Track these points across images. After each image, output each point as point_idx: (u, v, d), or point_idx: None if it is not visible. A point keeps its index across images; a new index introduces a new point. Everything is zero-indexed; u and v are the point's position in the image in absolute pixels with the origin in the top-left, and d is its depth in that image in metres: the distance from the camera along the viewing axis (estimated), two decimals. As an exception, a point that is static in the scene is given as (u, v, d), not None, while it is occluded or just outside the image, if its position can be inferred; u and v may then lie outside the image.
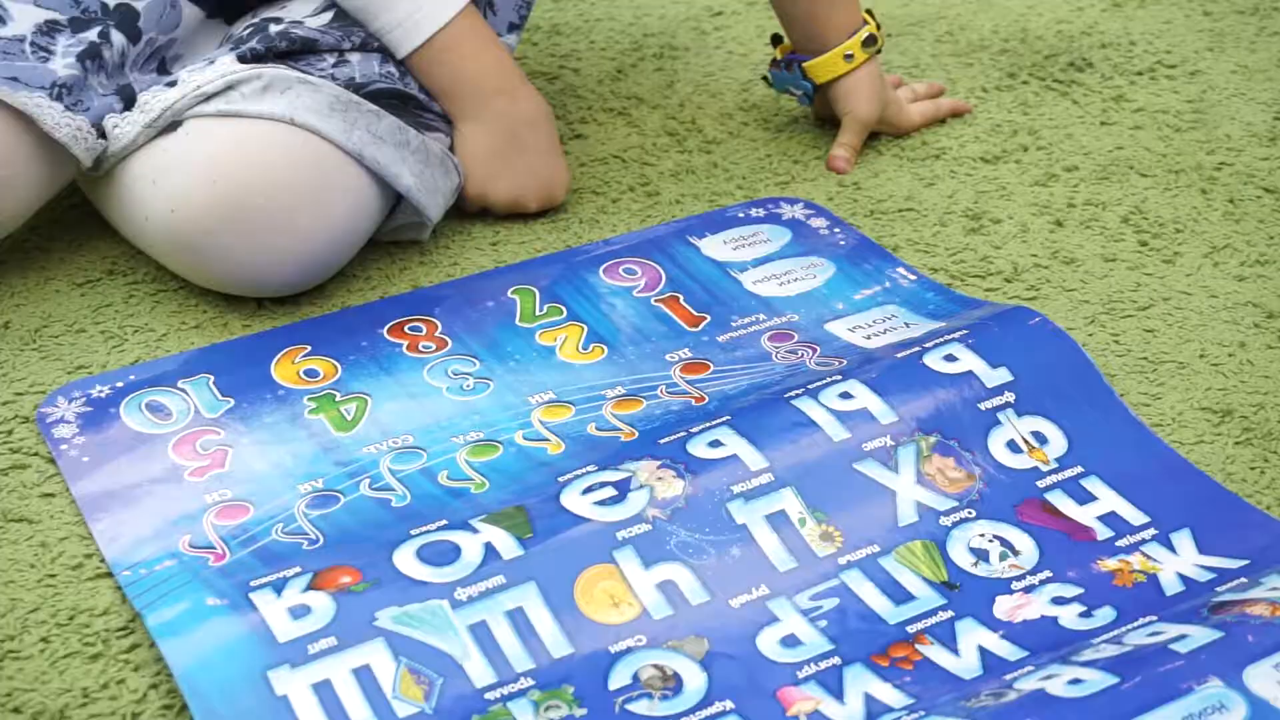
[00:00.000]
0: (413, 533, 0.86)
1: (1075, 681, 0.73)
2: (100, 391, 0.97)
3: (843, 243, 1.11)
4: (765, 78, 1.25)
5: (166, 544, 0.86)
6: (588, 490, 0.87)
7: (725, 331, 1.03)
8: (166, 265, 1.05)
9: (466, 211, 1.13)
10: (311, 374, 0.99)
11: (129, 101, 1.03)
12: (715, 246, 1.11)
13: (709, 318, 1.04)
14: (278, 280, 1.02)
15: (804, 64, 1.19)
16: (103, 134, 1.02)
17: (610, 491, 0.87)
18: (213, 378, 0.98)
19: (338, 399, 0.97)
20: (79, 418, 0.95)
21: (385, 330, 1.03)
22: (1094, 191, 1.17)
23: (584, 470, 0.89)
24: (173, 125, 1.01)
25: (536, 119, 1.11)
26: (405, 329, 1.03)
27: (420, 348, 1.02)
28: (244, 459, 0.92)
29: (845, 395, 0.93)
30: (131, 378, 0.98)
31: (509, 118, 1.10)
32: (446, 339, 1.02)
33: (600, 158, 1.21)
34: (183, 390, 0.97)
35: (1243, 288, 1.07)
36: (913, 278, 1.08)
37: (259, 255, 1.00)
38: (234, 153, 0.99)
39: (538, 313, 1.05)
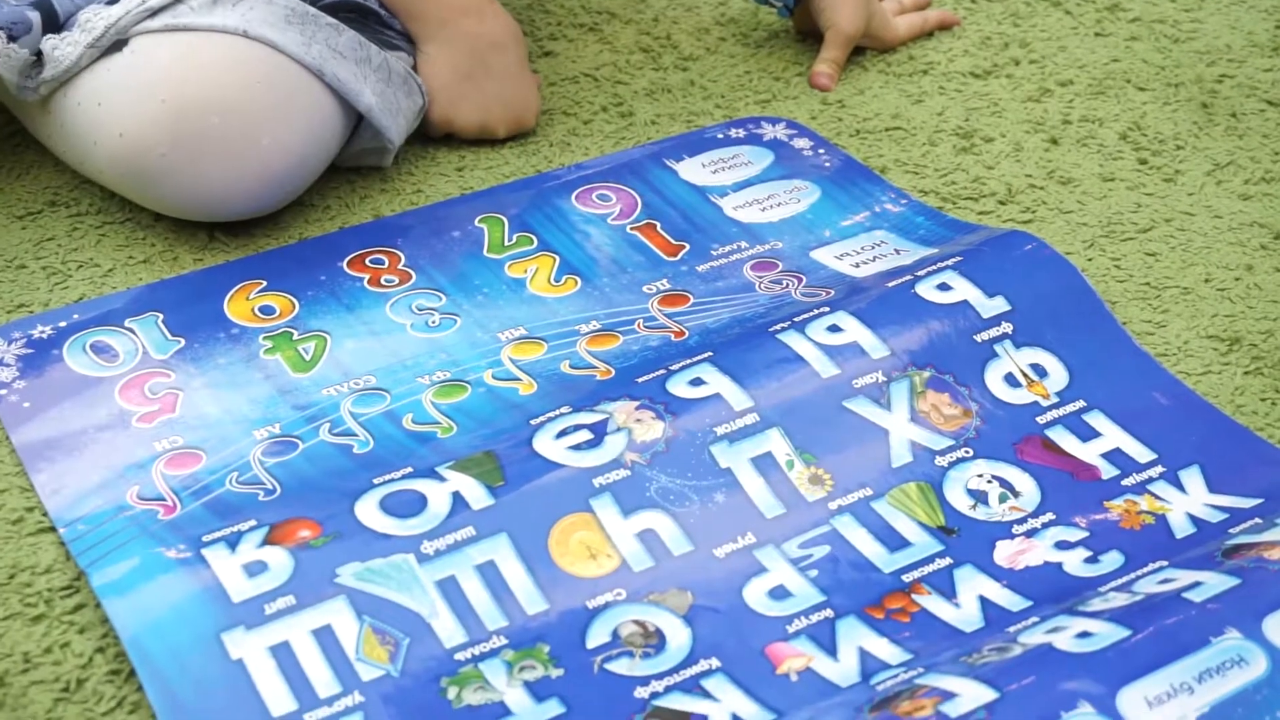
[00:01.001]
0: (376, 482, 0.80)
1: (1084, 635, 0.69)
2: (42, 332, 0.91)
3: (828, 165, 1.05)
4: None
5: (113, 496, 0.80)
6: (562, 434, 0.82)
7: (705, 261, 0.97)
8: (117, 192, 0.98)
9: (431, 136, 1.07)
10: (267, 311, 0.93)
11: (48, 16, 0.96)
12: (693, 170, 1.05)
13: (688, 246, 0.99)
14: (233, 205, 0.96)
15: None
16: (39, 58, 0.95)
17: (586, 435, 0.82)
18: (162, 316, 0.93)
19: (295, 337, 0.92)
20: (19, 360, 0.89)
21: (345, 263, 0.97)
22: (1090, 107, 1.12)
23: (558, 412, 0.84)
24: (117, 44, 0.94)
25: (504, 41, 1.05)
26: (366, 261, 0.97)
27: (382, 281, 0.96)
28: (195, 403, 0.87)
29: (834, 328, 0.87)
30: (75, 317, 0.92)
31: (475, 39, 1.04)
32: (410, 272, 0.96)
33: (571, 76, 1.14)
34: (130, 330, 0.92)
35: (1248, 207, 1.02)
36: (902, 201, 1.02)
37: (213, 178, 0.94)
38: (184, 69, 0.92)
39: (507, 243, 0.99)
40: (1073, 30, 1.20)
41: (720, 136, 1.08)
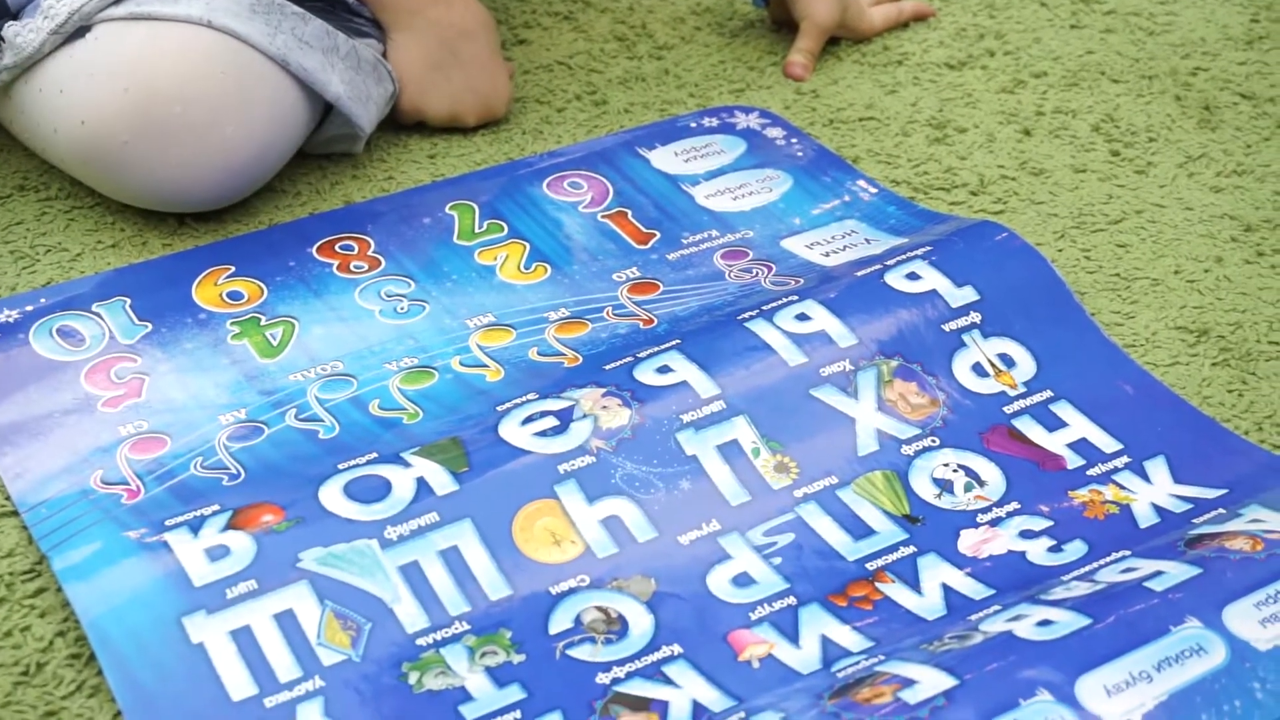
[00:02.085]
0: (340, 467, 0.80)
1: (1045, 623, 0.69)
2: (8, 316, 0.91)
3: (800, 154, 1.05)
4: None
5: (77, 480, 0.80)
6: (528, 420, 0.82)
7: (676, 249, 0.97)
8: (80, 180, 0.98)
9: (402, 124, 1.07)
10: (235, 296, 0.93)
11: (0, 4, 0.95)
12: (666, 158, 1.05)
13: (658, 235, 0.99)
14: (198, 194, 0.95)
15: None
16: None
17: (552, 421, 0.81)
18: (129, 300, 0.92)
19: (263, 323, 0.91)
20: (-16, 344, 0.89)
21: (315, 249, 0.97)
22: (1063, 99, 1.12)
23: (524, 399, 0.83)
24: (80, 31, 0.93)
25: (474, 29, 1.04)
26: (336, 248, 0.97)
27: (352, 268, 0.95)
28: (162, 388, 0.86)
29: (802, 316, 0.87)
30: (42, 301, 0.92)
31: (444, 27, 1.03)
32: (380, 258, 0.96)
33: (545, 64, 1.14)
34: (97, 314, 0.91)
35: (1219, 199, 1.02)
36: (874, 191, 1.02)
37: (177, 168, 0.93)
38: (147, 58, 0.92)
39: (477, 230, 0.99)
40: (1048, 22, 1.20)
41: (693, 125, 1.08)
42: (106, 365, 0.88)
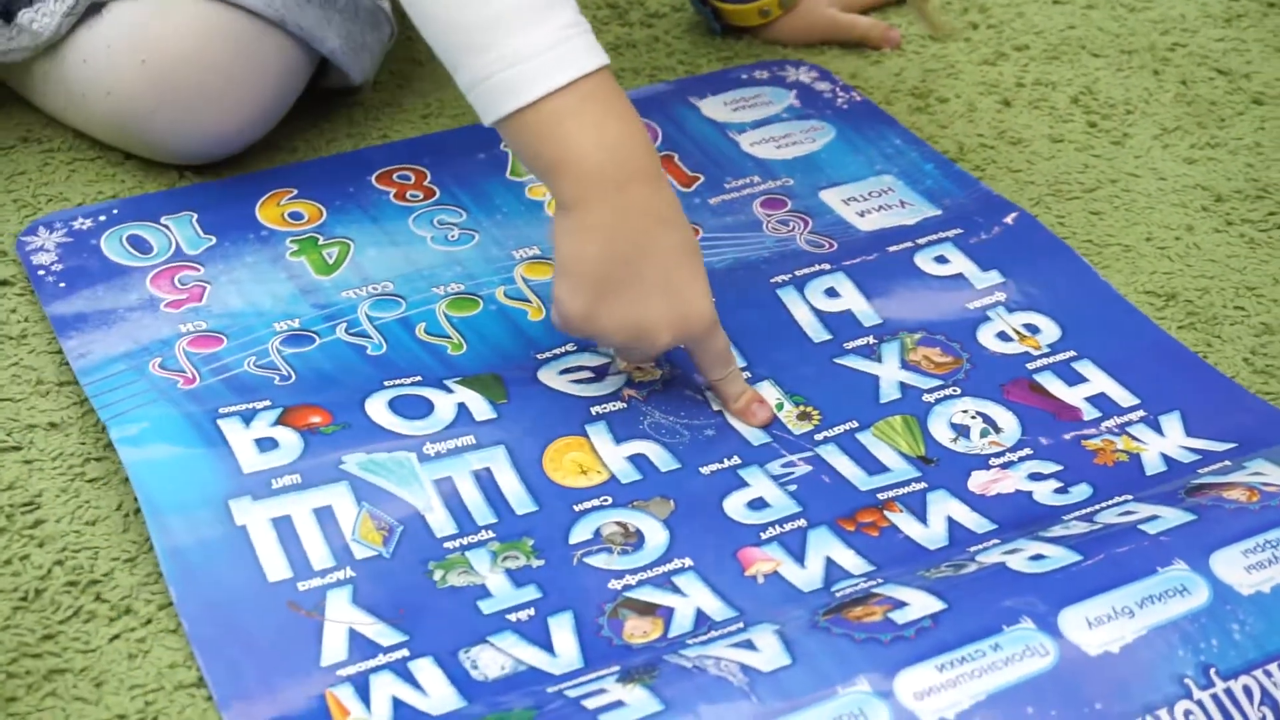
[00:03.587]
0: (386, 383, 0.85)
1: (1037, 557, 0.72)
2: (83, 224, 0.96)
3: (845, 107, 1.08)
4: None
5: (136, 364, 0.85)
6: (565, 371, 0.86)
7: (718, 194, 1.01)
8: (111, 144, 1.02)
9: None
10: (296, 216, 0.98)
11: None
12: (715, 107, 1.08)
13: (703, 178, 1.02)
14: (215, 148, 1.00)
15: (718, 4, 1.14)
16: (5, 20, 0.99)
17: (588, 374, 0.86)
18: (196, 215, 0.97)
19: (320, 242, 0.96)
20: (59, 247, 0.94)
21: (374, 178, 1.01)
22: (1044, 71, 1.14)
23: (563, 350, 0.88)
24: (93, 8, 0.97)
25: (672, 217, 0.81)
26: (394, 177, 1.01)
27: (408, 196, 1.00)
28: (221, 295, 0.91)
29: (831, 292, 0.91)
30: (115, 211, 0.97)
31: (641, 214, 0.79)
32: (435, 189, 1.00)
33: None
34: (165, 226, 0.96)
35: (1192, 170, 1.04)
36: (915, 149, 1.05)
37: (192, 127, 0.98)
38: (159, 31, 0.96)
39: (530, 166, 1.02)
40: None
41: (745, 77, 1.11)
42: (171, 272, 0.93)
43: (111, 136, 1.01)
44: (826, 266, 0.93)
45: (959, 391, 0.87)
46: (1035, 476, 0.82)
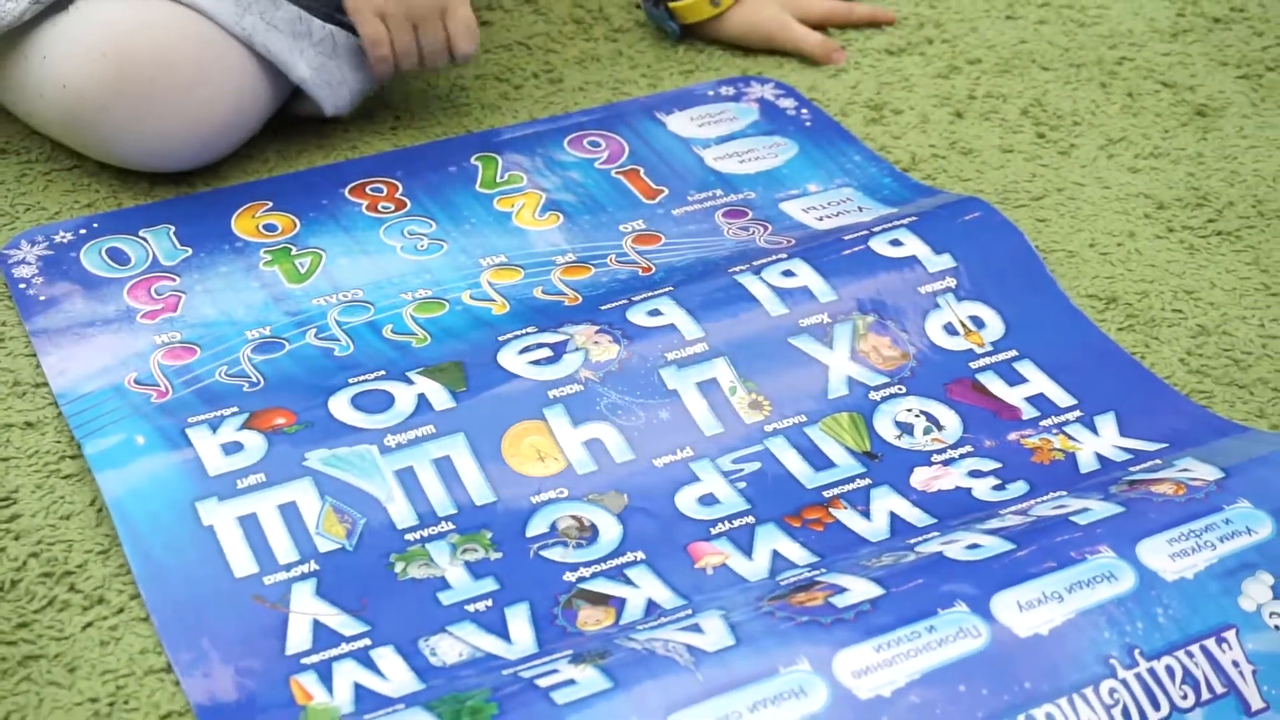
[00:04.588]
0: (351, 381, 0.88)
1: (973, 547, 0.75)
2: (63, 237, 0.99)
3: (808, 124, 1.12)
4: (638, 4, 1.23)
5: (112, 379, 0.88)
6: (524, 350, 0.89)
7: (681, 205, 1.04)
8: (64, 142, 1.04)
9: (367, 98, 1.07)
10: (270, 228, 1.01)
11: None
12: (681, 123, 1.11)
13: (667, 191, 1.05)
14: (173, 156, 1.02)
15: (670, 4, 1.18)
16: None
17: (546, 352, 0.89)
18: (174, 227, 1.00)
19: (293, 253, 0.99)
20: (40, 260, 0.97)
21: (347, 190, 1.04)
22: (995, 84, 1.17)
23: (524, 331, 0.91)
24: (62, 3, 0.99)
25: None
26: (367, 189, 1.05)
27: (379, 208, 1.03)
28: (196, 305, 0.95)
29: (788, 273, 0.94)
30: (95, 225, 1.00)
31: None
32: (406, 200, 1.04)
33: (505, 44, 1.20)
34: (143, 239, 1.00)
35: (1135, 179, 1.08)
36: (872, 163, 1.08)
37: (153, 131, 0.99)
38: (125, 28, 0.98)
39: (498, 180, 1.06)
40: (985, 13, 1.25)
41: (710, 94, 1.15)
42: (148, 283, 0.96)
43: (64, 133, 1.02)
44: (783, 255, 0.96)
45: (904, 390, 0.90)
46: (975, 474, 0.85)
